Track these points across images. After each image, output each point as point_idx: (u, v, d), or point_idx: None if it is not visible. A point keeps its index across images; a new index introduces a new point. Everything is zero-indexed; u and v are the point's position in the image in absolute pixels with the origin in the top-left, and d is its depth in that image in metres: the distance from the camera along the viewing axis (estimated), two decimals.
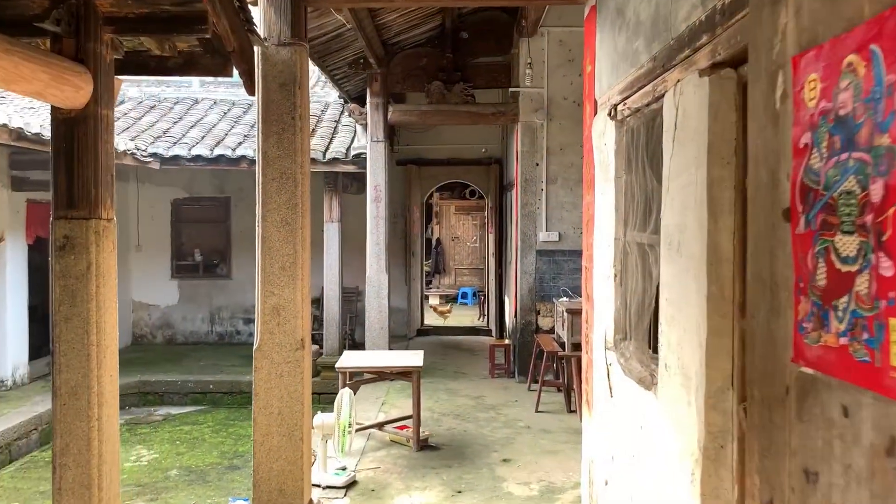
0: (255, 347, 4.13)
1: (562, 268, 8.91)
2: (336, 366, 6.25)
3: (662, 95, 2.68)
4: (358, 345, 11.78)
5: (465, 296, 17.28)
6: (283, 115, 4.06)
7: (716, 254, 2.19)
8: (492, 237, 12.48)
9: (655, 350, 2.84)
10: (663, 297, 2.63)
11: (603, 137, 3.69)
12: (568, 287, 8.78)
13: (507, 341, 9.59)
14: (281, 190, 4.09)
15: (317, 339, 11.15)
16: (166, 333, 12.63)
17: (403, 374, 6.35)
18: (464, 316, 15.00)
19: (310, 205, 4.33)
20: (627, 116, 3.30)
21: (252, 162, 9.36)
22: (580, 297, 8.59)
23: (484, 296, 14.03)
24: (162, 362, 10.97)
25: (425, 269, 18.55)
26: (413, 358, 6.45)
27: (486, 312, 13.81)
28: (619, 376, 3.32)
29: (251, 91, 4.00)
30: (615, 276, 3.45)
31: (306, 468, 4.18)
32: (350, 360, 6.45)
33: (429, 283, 18.44)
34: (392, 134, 10.85)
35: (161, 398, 9.91)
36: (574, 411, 7.46)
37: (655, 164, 2.86)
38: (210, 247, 12.72)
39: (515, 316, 9.11)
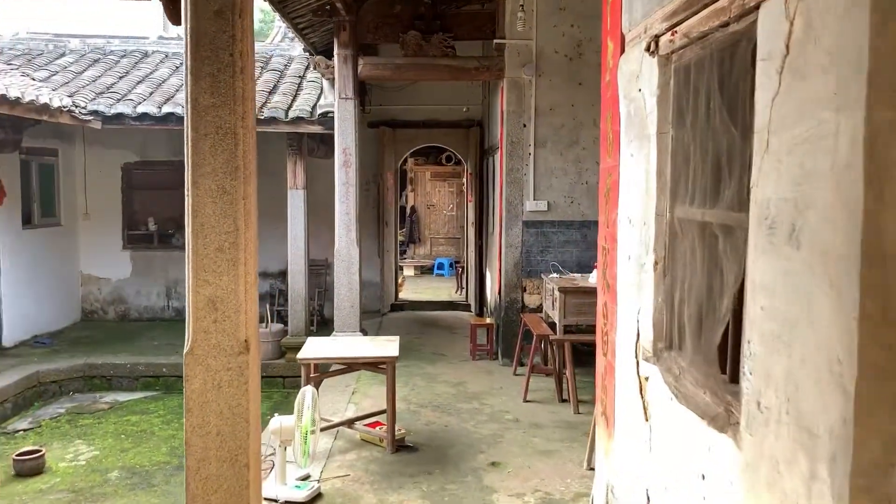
0: (185, 350, 3.25)
1: (550, 241, 8.10)
2: (298, 357, 5.39)
3: (755, 7, 1.82)
4: (327, 321, 10.95)
5: (441, 267, 16.46)
6: (219, 52, 3.13)
7: (876, 249, 1.36)
8: (471, 206, 11.62)
9: (734, 376, 2.03)
10: (755, 303, 1.81)
11: (636, 82, 2.83)
12: (558, 262, 7.98)
13: (488, 320, 8.80)
14: (217, 149, 3.18)
15: (282, 317, 10.28)
16: (119, 309, 11.64)
17: (376, 364, 5.52)
18: (440, 289, 14.19)
19: (256, 167, 3.42)
20: (679, 49, 2.45)
21: None
22: (572, 273, 7.81)
23: (462, 268, 13.23)
24: (112, 342, 10.03)
25: (399, 238, 17.69)
26: (387, 346, 5.61)
27: (463, 285, 13.01)
28: (661, 397, 2.52)
29: (175, 19, 3.06)
30: (655, 263, 2.62)
31: (254, 501, 3.34)
32: (314, 348, 5.59)
33: (403, 253, 17.57)
34: (363, 91, 9.88)
35: (109, 383, 8.98)
36: (566, 400, 6.71)
37: (738, 111, 2.02)
38: (165, 215, 11.69)
39: (499, 293, 8.31)
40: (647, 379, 2.70)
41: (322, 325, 10.57)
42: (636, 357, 2.82)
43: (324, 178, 10.59)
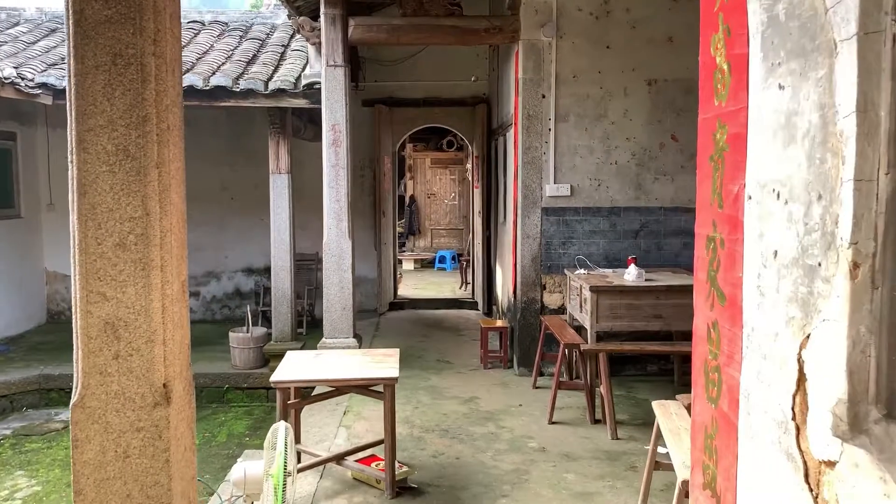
0: (72, 402, 2.13)
1: (574, 230, 6.97)
2: (272, 379, 4.27)
3: None
4: (318, 322, 9.82)
5: (442, 260, 15.33)
6: None
7: None
8: (477, 193, 10.47)
9: None
10: None
11: None
12: (584, 255, 6.85)
13: (500, 322, 7.67)
14: (114, 88, 2.05)
15: (269, 318, 9.16)
16: None
17: (370, 388, 4.40)
18: (443, 284, 13.06)
19: (182, 122, 2.31)
20: None
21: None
22: (600, 268, 6.68)
23: (466, 261, 12.10)
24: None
25: (399, 229, 16.55)
26: (385, 363, 4.49)
27: (468, 280, 11.89)
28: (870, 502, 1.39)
29: None
30: (855, 266, 1.49)
31: None
32: (292, 367, 4.47)
33: (402, 245, 16.45)
34: (355, 63, 8.73)
35: (68, 397, 7.85)
36: (600, 421, 5.60)
37: None
38: None
39: (514, 292, 7.18)
40: (829, 465, 1.57)
41: (312, 326, 9.45)
42: (796, 422, 1.69)
43: (313, 162, 9.47)
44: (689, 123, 6.90)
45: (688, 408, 3.89)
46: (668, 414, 3.87)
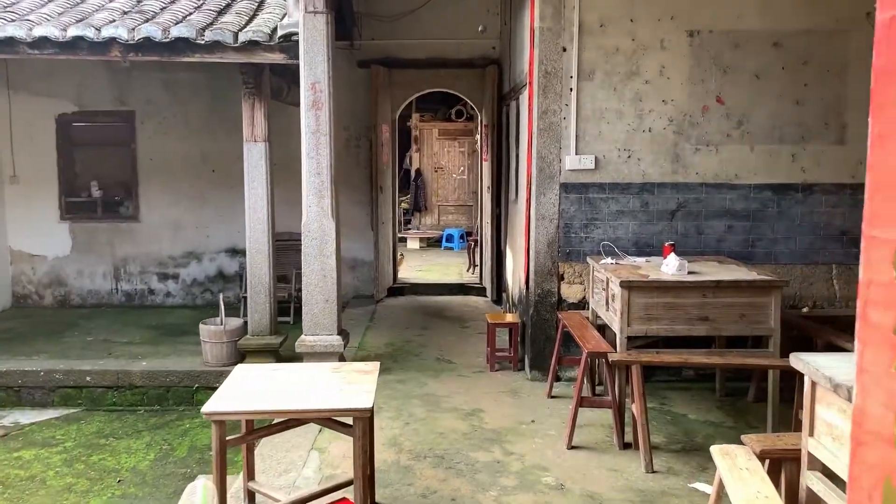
0: None
1: (598, 210, 5.87)
2: (204, 410, 3.25)
3: None
4: None
5: (450, 238, 14.27)
6: None
7: None
8: (486, 166, 9.37)
9: None
10: None
11: None
12: (610, 240, 5.77)
13: (510, 317, 6.62)
14: None
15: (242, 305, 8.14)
16: (57, 293, 9.55)
17: (336, 420, 3.38)
18: (449, 266, 12.00)
19: None
20: None
21: (131, 48, 6.14)
22: (630, 256, 5.61)
23: (475, 241, 11.02)
24: (36, 337, 7.95)
25: (402, 206, 15.48)
26: (357, 387, 3.46)
27: (476, 262, 10.83)
28: None
29: None
30: None
31: None
32: (237, 390, 3.44)
33: (407, 222, 15.39)
34: (347, 11, 7.61)
35: (17, 396, 6.91)
36: (630, 445, 4.56)
37: None
38: (111, 178, 9.55)
39: (526, 282, 6.12)
40: None
41: (298, 315, 8.43)
42: None
43: (296, 128, 8.45)
44: (738, 83, 5.76)
45: (763, 457, 2.82)
46: (735, 469, 2.81)
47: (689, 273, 4.75)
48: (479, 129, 10.26)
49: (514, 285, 7.26)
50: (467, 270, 11.30)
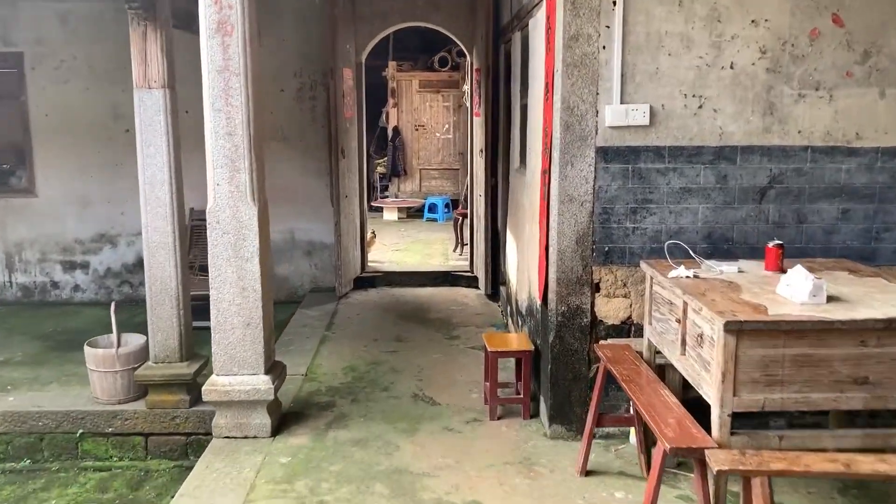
0: None
1: (655, 188, 3.91)
2: None
3: None
4: None
5: (433, 209, 12.27)
6: None
7: None
8: (478, 123, 7.34)
9: None
10: None
11: None
12: (671, 232, 3.84)
13: (515, 341, 4.68)
14: None
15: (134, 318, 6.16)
16: None
17: None
18: (432, 244, 10.03)
19: None
20: None
21: None
22: (720, 261, 3.40)
23: (463, 216, 9.05)
24: None
25: (378, 170, 13.44)
26: None
27: (465, 240, 8.89)
28: None
29: None
30: None
31: None
32: None
33: (384, 189, 13.37)
34: None
35: None
36: None
37: None
38: None
39: (544, 295, 4.16)
40: None
41: None
42: None
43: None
44: None
45: None
46: None
47: (829, 300, 2.84)
48: (469, 76, 8.19)
49: (518, 288, 5.29)
50: (454, 250, 9.35)
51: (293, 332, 6.06)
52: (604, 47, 3.80)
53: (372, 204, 12.77)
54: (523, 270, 5.11)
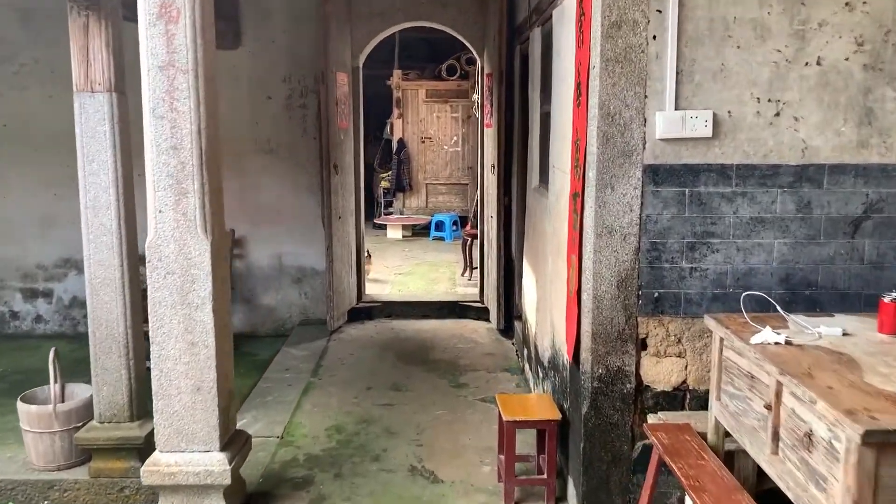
0: None
1: (719, 217, 3.05)
2: None
3: None
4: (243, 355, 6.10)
5: (440, 226, 11.42)
6: None
7: None
8: (490, 134, 6.49)
9: None
10: None
11: None
12: (739, 274, 2.97)
13: (537, 407, 3.79)
14: None
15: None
16: None
17: None
18: (439, 266, 9.17)
19: None
20: None
21: None
22: (803, 317, 2.40)
23: (472, 237, 8.20)
24: None
25: (382, 184, 12.62)
26: None
27: (475, 263, 8.05)
28: None
29: None
30: None
31: None
32: None
33: (388, 205, 12.54)
34: None
35: None
36: None
37: None
38: None
39: (575, 352, 3.28)
40: None
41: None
42: None
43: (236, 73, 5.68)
44: None
45: None
46: None
47: None
48: (479, 81, 7.35)
49: (539, 332, 4.41)
50: (462, 274, 8.49)
51: (274, 377, 5.22)
52: (654, 37, 2.95)
53: (375, 221, 11.96)
54: (544, 312, 4.25)
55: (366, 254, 8.10)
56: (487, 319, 6.60)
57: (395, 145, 12.28)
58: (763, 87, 2.99)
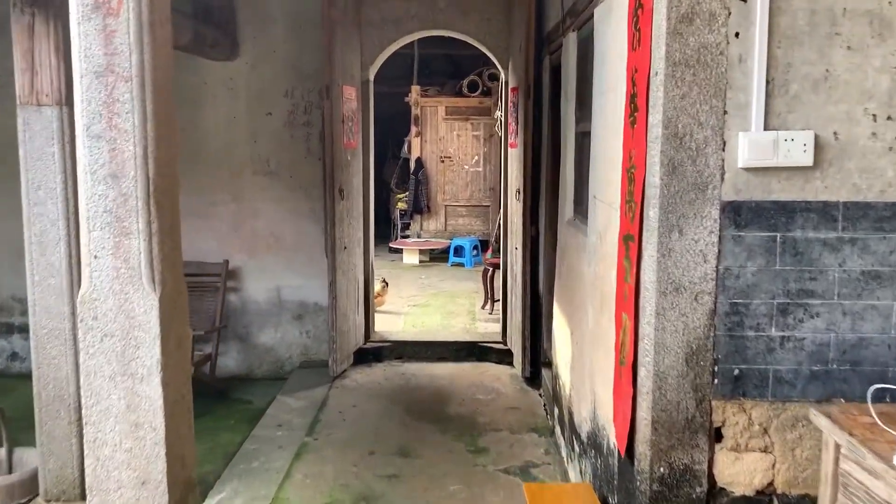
0: None
1: (824, 272, 2.31)
2: None
3: None
4: (225, 390, 5.51)
5: (459, 251, 10.72)
6: None
7: None
8: (515, 154, 5.79)
9: None
10: None
11: None
12: (847, 345, 2.23)
13: (570, 492, 3.07)
14: None
15: None
16: None
17: None
18: (457, 297, 8.47)
19: None
20: None
21: None
22: None
23: (494, 266, 7.50)
24: None
25: (399, 206, 11.97)
26: None
27: (496, 296, 7.36)
28: None
29: None
30: None
31: None
32: None
33: (405, 227, 11.88)
34: None
35: None
36: None
37: None
38: None
39: (629, 444, 2.55)
40: None
41: (215, 400, 4.95)
42: None
43: (217, 89, 5.08)
44: None
45: None
46: None
47: None
48: (502, 97, 6.67)
49: (576, 397, 3.66)
50: (483, 307, 7.78)
51: (264, 434, 4.52)
52: (736, 35, 2.24)
53: (391, 245, 11.30)
54: (581, 373, 3.51)
55: (382, 282, 7.44)
56: (511, 364, 5.87)
57: (412, 164, 11.63)
58: (881, 101, 2.27)
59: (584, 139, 3.86)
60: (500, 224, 11.28)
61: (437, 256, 11.08)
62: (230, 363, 5.94)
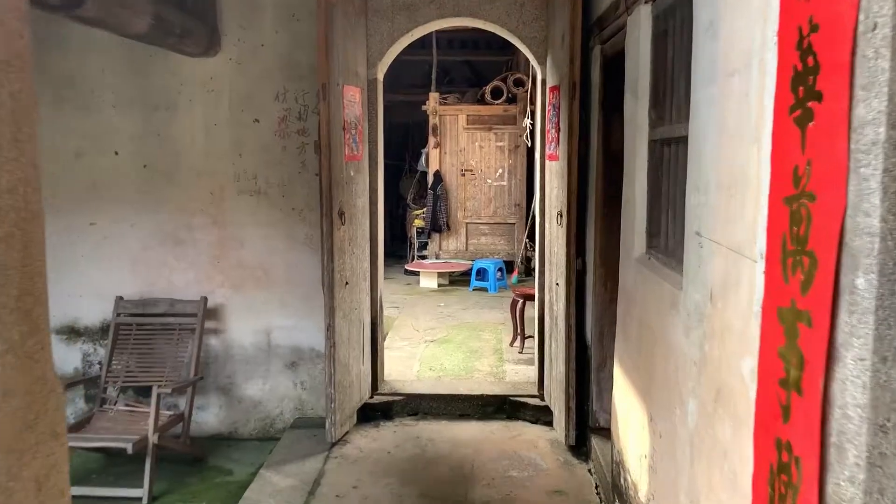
0: None
1: None
2: None
3: None
4: (202, 455, 4.49)
5: (482, 274, 9.66)
6: None
7: None
8: (556, 168, 4.74)
9: None
10: None
11: None
12: None
13: None
14: None
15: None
16: None
17: None
18: (481, 330, 7.40)
19: None
20: None
21: None
22: None
23: (524, 299, 6.43)
24: None
25: (416, 223, 10.96)
26: None
27: (527, 331, 6.31)
28: None
29: None
30: None
31: None
32: None
33: (422, 247, 10.86)
34: None
35: None
36: None
37: None
38: None
39: None
40: None
41: (190, 467, 3.95)
42: None
43: (192, 88, 4.22)
44: None
45: None
46: None
47: None
48: (533, 100, 5.59)
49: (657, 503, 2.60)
50: (512, 343, 6.71)
51: None
52: None
53: (406, 267, 10.29)
54: (672, 485, 2.44)
55: (387, 317, 6.41)
56: (549, 424, 4.80)
57: (431, 178, 10.62)
58: None
59: (662, 149, 2.82)
60: (525, 244, 10.26)
61: (457, 280, 10.05)
62: (210, 420, 4.94)
